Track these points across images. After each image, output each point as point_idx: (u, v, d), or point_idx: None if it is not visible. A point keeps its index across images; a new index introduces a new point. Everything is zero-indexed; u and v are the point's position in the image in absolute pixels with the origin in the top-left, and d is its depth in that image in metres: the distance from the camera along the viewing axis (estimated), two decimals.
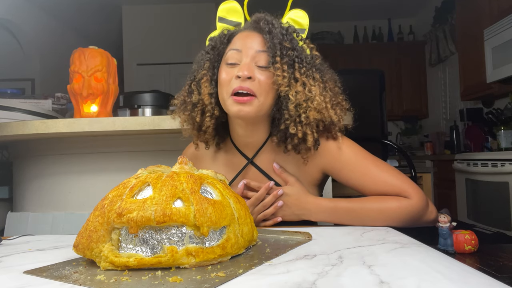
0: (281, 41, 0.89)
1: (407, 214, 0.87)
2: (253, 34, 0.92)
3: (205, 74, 0.95)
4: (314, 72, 0.91)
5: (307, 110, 0.88)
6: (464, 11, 3.69)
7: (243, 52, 0.89)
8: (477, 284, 0.46)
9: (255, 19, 0.94)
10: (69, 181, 1.60)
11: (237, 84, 0.87)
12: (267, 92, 0.89)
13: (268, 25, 0.90)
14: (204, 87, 0.94)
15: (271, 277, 0.50)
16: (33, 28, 4.33)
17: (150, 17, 4.81)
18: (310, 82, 0.89)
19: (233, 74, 0.88)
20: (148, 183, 0.60)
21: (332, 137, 0.94)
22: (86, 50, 1.55)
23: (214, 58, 0.95)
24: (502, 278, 0.48)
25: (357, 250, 0.63)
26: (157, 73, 4.79)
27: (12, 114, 1.64)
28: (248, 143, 0.97)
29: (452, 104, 4.59)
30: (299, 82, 0.88)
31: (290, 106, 0.88)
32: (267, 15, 0.93)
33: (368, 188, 0.91)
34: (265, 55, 0.89)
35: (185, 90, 0.99)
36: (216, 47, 0.95)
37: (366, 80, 2.13)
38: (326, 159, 0.95)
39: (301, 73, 0.89)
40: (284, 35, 0.90)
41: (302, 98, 0.87)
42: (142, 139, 1.57)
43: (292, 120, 0.89)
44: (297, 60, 0.89)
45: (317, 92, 0.88)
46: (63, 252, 0.70)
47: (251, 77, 0.87)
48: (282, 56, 0.88)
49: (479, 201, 3.00)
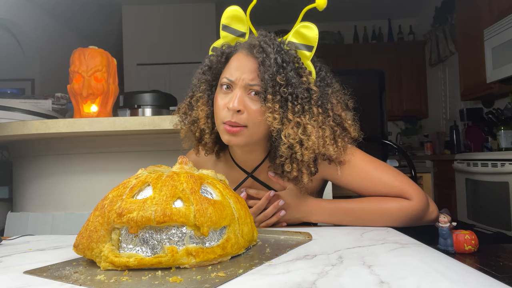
0: (274, 76, 0.82)
1: (407, 215, 0.87)
2: (247, 60, 0.86)
3: (201, 97, 0.92)
4: (312, 106, 0.85)
5: (301, 151, 0.84)
6: (464, 11, 3.69)
7: (235, 82, 0.85)
8: (477, 284, 0.46)
9: (251, 43, 0.87)
10: (69, 181, 1.60)
11: (226, 117, 0.84)
12: (259, 123, 0.85)
13: (262, 55, 0.83)
14: (200, 111, 0.91)
15: (271, 277, 0.50)
16: (33, 28, 4.33)
17: (150, 17, 4.81)
18: (305, 121, 0.84)
19: (226, 102, 0.85)
20: (148, 183, 0.60)
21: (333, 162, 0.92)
22: (86, 50, 1.55)
23: (211, 78, 0.92)
24: (502, 278, 0.48)
25: (357, 250, 0.63)
26: (157, 73, 4.79)
27: (12, 114, 1.64)
28: (246, 159, 0.96)
29: (452, 104, 4.59)
30: (291, 123, 0.83)
31: (282, 147, 0.84)
32: (265, 39, 0.86)
33: (368, 190, 0.91)
34: (256, 87, 0.84)
35: (186, 102, 0.97)
36: (213, 68, 0.91)
37: (366, 80, 2.13)
38: (326, 170, 0.93)
39: (295, 112, 0.83)
40: (280, 67, 0.83)
41: (295, 140, 0.83)
42: (142, 139, 1.57)
43: (287, 158, 0.86)
44: (290, 98, 0.83)
45: (312, 131, 0.83)
46: (63, 252, 0.70)
47: (240, 110, 0.83)
48: (274, 93, 0.82)
49: (479, 201, 3.00)
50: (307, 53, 0.87)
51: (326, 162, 0.92)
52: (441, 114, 4.88)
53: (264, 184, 0.96)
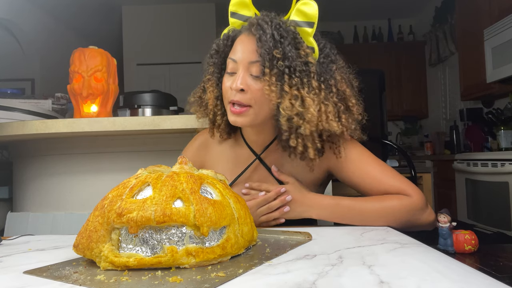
0: (270, 50, 0.84)
1: (408, 211, 0.87)
2: (248, 40, 0.88)
3: (209, 79, 0.97)
4: (311, 79, 0.86)
5: (303, 124, 0.85)
6: (464, 11, 3.69)
7: (238, 62, 0.88)
8: (477, 284, 0.46)
9: (250, 22, 0.90)
10: (69, 181, 1.60)
11: (231, 97, 0.88)
12: (262, 102, 0.87)
13: (259, 31, 0.85)
14: (209, 92, 0.96)
15: (271, 277, 0.50)
16: (33, 28, 4.33)
17: (150, 17, 4.81)
18: (303, 93, 0.84)
19: (231, 84, 0.88)
20: (148, 183, 0.60)
21: (335, 146, 0.93)
22: (86, 50, 1.55)
23: (219, 62, 0.96)
24: (502, 278, 0.48)
25: (357, 250, 0.63)
26: (157, 73, 4.79)
27: (12, 114, 1.64)
28: (256, 139, 0.99)
29: (452, 104, 4.59)
30: (288, 95, 0.84)
31: (282, 120, 0.86)
32: (264, 17, 0.88)
33: (369, 187, 0.92)
34: (257, 65, 0.86)
35: (200, 87, 1.02)
36: (220, 51, 0.95)
37: (366, 80, 2.12)
38: (330, 159, 0.96)
39: (292, 85, 0.84)
40: (277, 42, 0.84)
41: (293, 112, 0.84)
42: (142, 139, 1.57)
43: (291, 133, 0.88)
44: (287, 71, 0.84)
45: (311, 104, 0.84)
46: (63, 252, 0.70)
47: (244, 89, 0.86)
48: (271, 67, 0.84)
49: (479, 201, 3.00)
50: (308, 29, 0.88)
51: (331, 152, 0.94)
52: (441, 114, 4.88)
53: (269, 169, 0.98)
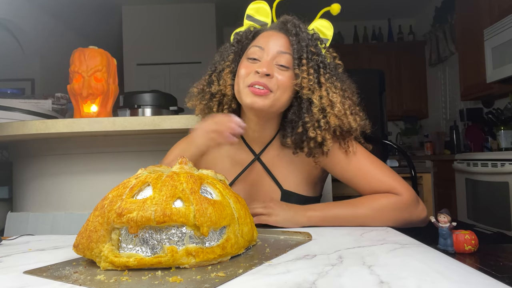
0: (308, 45, 0.91)
1: (396, 209, 0.87)
2: (278, 35, 0.94)
3: (228, 66, 0.97)
4: (336, 81, 0.93)
5: (329, 116, 0.89)
6: (464, 11, 3.69)
7: (266, 50, 0.91)
8: (477, 284, 0.46)
9: (283, 20, 0.95)
10: (69, 181, 1.60)
11: (254, 79, 0.88)
12: (284, 90, 0.90)
13: (296, 28, 0.92)
14: (226, 78, 0.96)
15: (271, 277, 0.50)
16: (33, 28, 4.33)
17: (150, 17, 4.81)
18: (332, 89, 0.90)
19: (253, 69, 0.90)
20: (148, 183, 0.60)
21: (343, 143, 0.94)
22: (86, 50, 1.55)
23: (238, 52, 0.98)
24: (502, 278, 0.48)
25: (357, 250, 0.63)
26: (157, 73, 4.79)
27: (12, 114, 1.64)
28: (256, 137, 0.99)
29: (452, 104, 4.59)
30: (323, 87, 0.90)
31: (314, 109, 0.89)
32: (295, 18, 0.96)
33: (361, 183, 0.93)
34: (287, 56, 0.91)
35: (205, 79, 1.02)
36: (241, 41, 0.98)
37: (366, 80, 2.13)
38: (327, 157, 0.95)
39: (326, 79, 0.91)
40: (310, 40, 0.92)
41: (326, 103, 0.89)
42: (142, 139, 1.57)
43: (312, 124, 0.90)
44: (321, 66, 0.91)
45: (338, 99, 0.90)
46: (63, 252, 0.70)
47: (270, 74, 0.88)
48: (308, 59, 0.90)
49: (479, 201, 3.00)
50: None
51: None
52: (441, 114, 4.88)
53: (268, 171, 0.98)
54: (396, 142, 5.23)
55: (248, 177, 1.00)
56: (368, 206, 0.88)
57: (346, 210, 0.89)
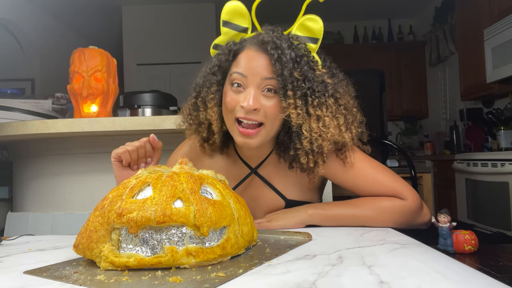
0: (292, 72, 0.82)
1: (401, 213, 0.87)
2: (259, 56, 0.84)
3: (212, 98, 0.90)
4: (327, 98, 0.86)
5: (321, 143, 0.84)
6: (464, 11, 3.69)
7: (248, 78, 0.83)
8: (477, 284, 0.46)
9: (262, 39, 0.85)
10: (69, 181, 1.60)
11: (242, 114, 0.83)
12: (273, 119, 0.84)
13: (277, 51, 0.82)
14: (212, 112, 0.90)
15: (271, 277, 0.50)
16: (33, 28, 4.33)
17: (150, 17, 4.81)
18: (323, 114, 0.84)
19: (238, 100, 0.84)
20: (148, 183, 0.60)
21: (340, 153, 0.91)
22: (86, 50, 1.55)
23: (221, 78, 0.90)
24: (502, 278, 0.48)
25: (357, 250, 0.63)
26: (157, 73, 4.79)
27: (12, 114, 1.64)
28: (253, 154, 0.96)
29: (452, 104, 4.59)
30: (313, 117, 0.83)
31: (304, 141, 0.84)
32: (275, 33, 0.85)
33: (364, 189, 0.91)
34: (272, 81, 0.83)
35: (191, 103, 0.96)
36: (222, 66, 0.89)
37: (366, 80, 2.13)
38: (324, 170, 0.93)
39: (314, 106, 0.84)
40: (295, 62, 0.83)
41: (317, 134, 0.84)
42: None
43: (303, 151, 0.86)
44: (309, 93, 0.83)
45: (331, 123, 0.84)
46: (63, 252, 0.70)
47: (257, 108, 0.82)
48: (294, 89, 0.82)
49: (479, 201, 3.00)
50: (312, 45, 0.88)
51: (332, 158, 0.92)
52: (441, 114, 4.88)
53: (267, 182, 0.96)
54: (396, 142, 5.23)
55: (246, 192, 0.97)
56: (370, 207, 0.87)
57: (348, 210, 0.88)
